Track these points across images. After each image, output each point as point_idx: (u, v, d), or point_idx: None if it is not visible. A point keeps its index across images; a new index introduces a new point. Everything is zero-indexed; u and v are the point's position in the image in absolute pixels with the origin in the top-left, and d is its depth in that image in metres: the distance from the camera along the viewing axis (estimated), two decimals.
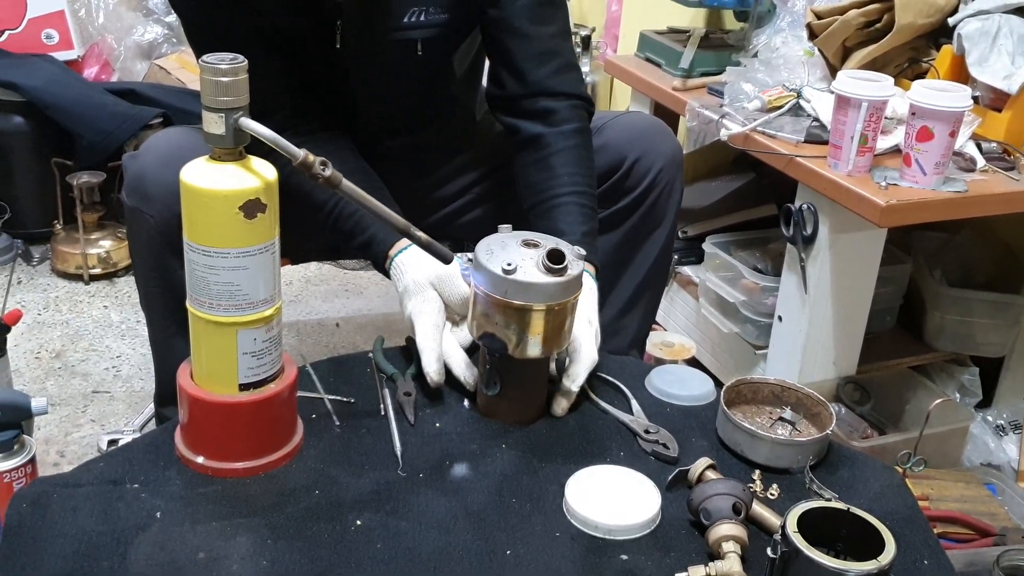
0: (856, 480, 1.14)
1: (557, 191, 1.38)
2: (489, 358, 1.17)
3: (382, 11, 1.38)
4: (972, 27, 1.67)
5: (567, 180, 1.38)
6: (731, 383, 1.22)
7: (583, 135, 1.43)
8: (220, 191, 0.97)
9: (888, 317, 1.94)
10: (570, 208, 1.36)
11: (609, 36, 3.02)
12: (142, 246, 1.41)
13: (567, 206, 1.36)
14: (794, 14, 2.00)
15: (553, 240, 1.17)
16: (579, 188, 1.38)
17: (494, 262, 1.12)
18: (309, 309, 2.51)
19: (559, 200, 1.37)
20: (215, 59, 0.97)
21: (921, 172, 1.55)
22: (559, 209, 1.36)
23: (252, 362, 1.05)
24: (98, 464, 1.08)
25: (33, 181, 2.65)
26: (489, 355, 1.17)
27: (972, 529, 1.52)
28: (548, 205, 1.38)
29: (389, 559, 0.97)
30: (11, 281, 2.54)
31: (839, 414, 1.76)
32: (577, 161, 1.40)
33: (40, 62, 2.72)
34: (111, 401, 2.06)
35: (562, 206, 1.37)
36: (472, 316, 1.17)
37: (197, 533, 0.98)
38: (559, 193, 1.38)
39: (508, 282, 1.10)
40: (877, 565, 0.88)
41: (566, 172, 1.39)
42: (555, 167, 1.40)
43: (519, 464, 1.13)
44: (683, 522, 1.04)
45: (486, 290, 1.13)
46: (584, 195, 1.38)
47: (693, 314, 2.15)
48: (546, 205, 1.38)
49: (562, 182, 1.38)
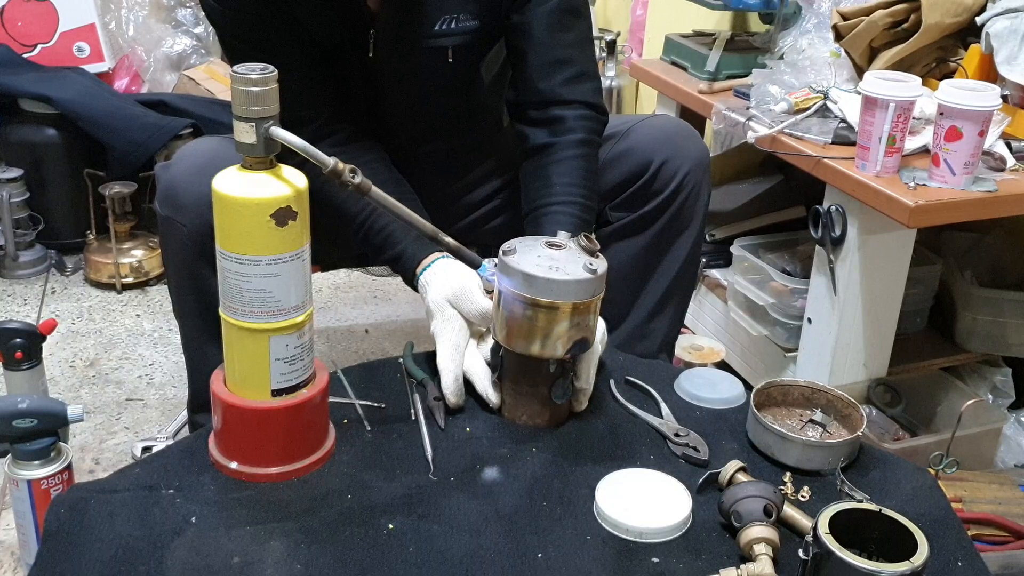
0: (888, 482, 1.13)
1: (549, 200, 1.38)
2: (560, 366, 1.17)
3: (414, 19, 1.39)
4: (1000, 25, 1.66)
5: (560, 190, 1.38)
6: (761, 385, 1.22)
7: (587, 146, 1.43)
8: (252, 199, 0.98)
9: (919, 318, 1.93)
10: (558, 217, 1.36)
11: (634, 40, 3.02)
12: (175, 255, 1.43)
13: (555, 214, 1.36)
14: (820, 15, 1.99)
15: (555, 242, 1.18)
16: (571, 198, 1.38)
17: (558, 271, 1.12)
18: (339, 316, 2.53)
19: (549, 209, 1.37)
20: (246, 69, 0.98)
21: (950, 172, 1.54)
22: (547, 218, 1.36)
23: (284, 368, 1.06)
24: (134, 470, 1.10)
25: (66, 192, 2.69)
26: (564, 363, 1.17)
27: (1007, 531, 1.50)
28: (538, 214, 1.38)
29: (421, 562, 0.97)
30: (45, 291, 2.58)
31: (870, 416, 1.75)
32: (574, 171, 1.40)
33: (72, 75, 2.76)
34: (144, 408, 2.08)
35: (551, 214, 1.37)
36: (546, 332, 1.14)
37: (232, 538, 0.99)
38: (551, 202, 1.38)
39: (576, 283, 1.11)
40: (910, 566, 0.88)
41: (560, 182, 1.39)
42: (551, 176, 1.40)
43: (550, 467, 1.13)
44: (714, 525, 1.04)
45: (561, 299, 1.12)
46: (576, 205, 1.38)
47: (722, 317, 2.14)
48: (536, 214, 1.39)
49: (555, 191, 1.38)
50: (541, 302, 1.11)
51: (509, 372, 1.20)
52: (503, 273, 1.14)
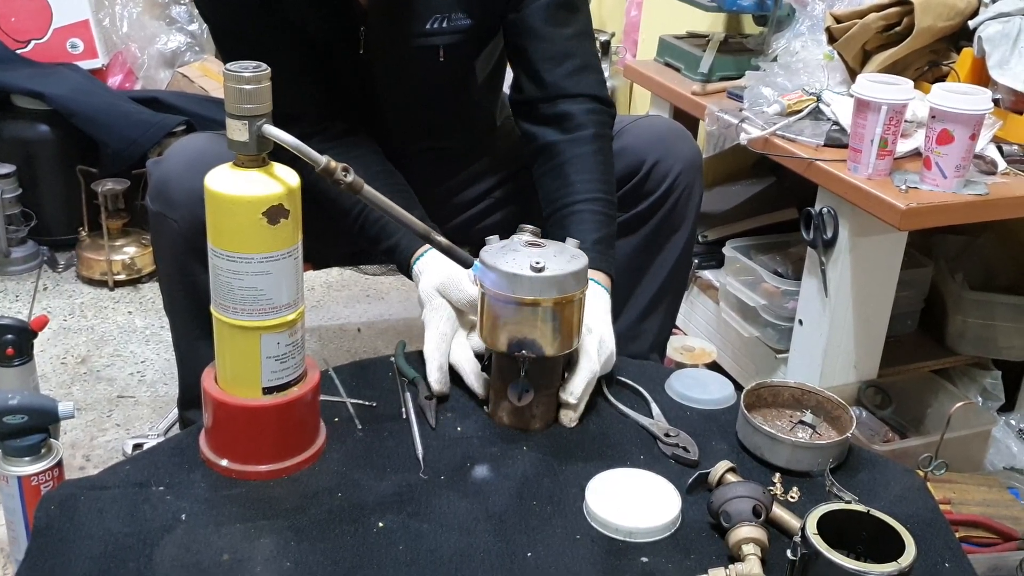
0: (877, 483, 1.14)
1: (570, 199, 1.37)
2: (522, 366, 1.15)
3: (405, 17, 1.39)
4: (993, 30, 1.67)
5: (580, 187, 1.37)
6: (751, 386, 1.23)
7: (600, 140, 1.42)
8: (243, 197, 0.99)
9: (909, 321, 1.93)
10: (583, 216, 1.35)
11: (628, 41, 3.02)
12: (166, 251, 1.43)
13: (580, 214, 1.36)
14: (813, 18, 2.00)
15: (556, 243, 1.18)
16: (593, 195, 1.37)
17: (507, 264, 1.12)
18: (331, 314, 2.53)
19: (572, 208, 1.37)
20: (238, 67, 0.98)
21: (941, 175, 1.54)
22: (571, 218, 1.36)
23: (275, 366, 1.06)
24: (124, 467, 1.10)
25: (58, 189, 2.68)
26: (522, 362, 1.15)
27: (995, 533, 1.51)
28: (561, 214, 1.37)
29: (411, 561, 0.98)
30: (37, 287, 2.57)
31: (860, 418, 1.76)
32: (592, 167, 1.39)
33: (65, 71, 2.75)
34: (136, 406, 2.08)
35: (575, 214, 1.36)
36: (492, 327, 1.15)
37: (222, 535, 0.99)
38: (573, 201, 1.37)
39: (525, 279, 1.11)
40: (897, 567, 0.88)
41: (579, 179, 1.38)
42: (569, 175, 1.39)
43: (540, 467, 1.13)
44: (703, 525, 1.05)
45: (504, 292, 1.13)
46: (598, 201, 1.37)
47: (713, 318, 2.15)
48: (560, 214, 1.38)
49: (575, 190, 1.37)
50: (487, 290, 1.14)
51: (489, 368, 1.21)
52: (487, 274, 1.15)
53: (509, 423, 1.20)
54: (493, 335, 1.15)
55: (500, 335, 1.14)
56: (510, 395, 1.17)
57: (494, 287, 1.13)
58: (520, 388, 1.16)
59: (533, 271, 1.11)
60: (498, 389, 1.19)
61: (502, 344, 1.14)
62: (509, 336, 1.14)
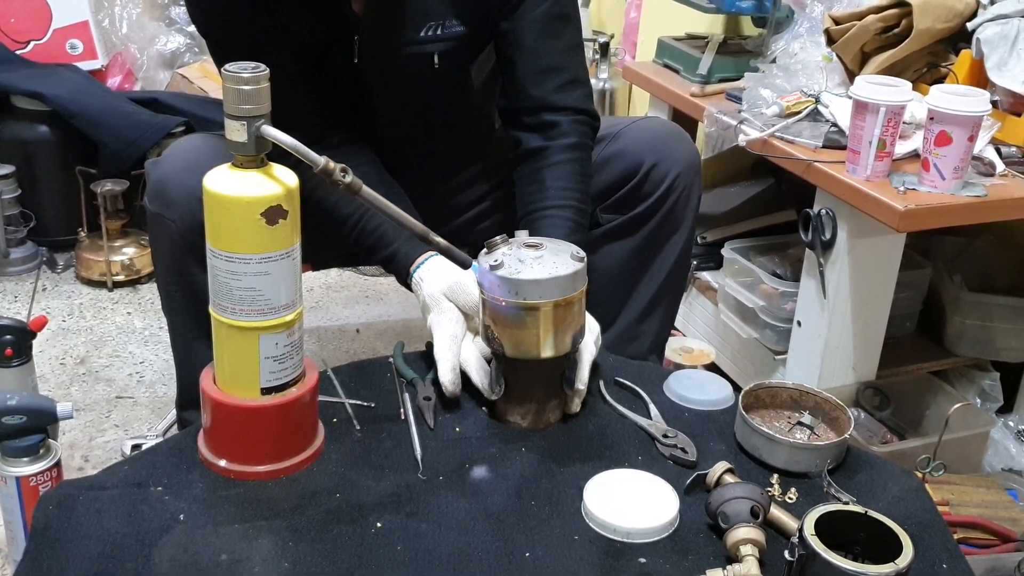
0: (875, 484, 1.14)
1: (543, 204, 1.39)
2: (493, 360, 1.19)
3: (398, 25, 1.39)
4: (991, 31, 1.67)
5: (554, 193, 1.39)
6: (749, 387, 1.23)
7: (580, 150, 1.44)
8: (242, 198, 0.99)
9: (908, 322, 1.94)
10: (553, 220, 1.37)
11: (627, 43, 3.02)
12: (164, 251, 1.43)
13: (551, 218, 1.37)
14: (812, 20, 2.00)
15: (554, 242, 1.18)
16: (565, 202, 1.39)
17: (505, 267, 1.13)
18: (330, 315, 2.53)
19: (544, 212, 1.38)
20: (237, 68, 0.98)
21: (940, 177, 1.54)
22: (542, 221, 1.37)
23: (274, 366, 1.06)
24: (123, 468, 1.10)
25: (58, 189, 2.68)
26: (493, 357, 1.19)
27: (993, 534, 1.51)
28: (533, 217, 1.39)
29: (409, 561, 0.98)
30: (36, 288, 2.57)
31: (858, 419, 1.76)
32: (569, 175, 1.41)
33: (65, 72, 2.75)
34: (134, 406, 2.07)
35: (546, 218, 1.37)
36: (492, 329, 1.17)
37: (220, 535, 0.99)
38: (545, 206, 1.39)
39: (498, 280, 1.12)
40: (895, 568, 0.88)
41: (555, 186, 1.40)
42: (545, 180, 1.41)
43: (538, 468, 1.13)
44: (701, 526, 1.05)
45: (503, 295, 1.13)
46: (570, 208, 1.39)
47: (712, 319, 2.15)
48: (531, 217, 1.39)
49: (549, 195, 1.39)
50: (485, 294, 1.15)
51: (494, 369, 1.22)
52: None
53: (524, 425, 1.20)
54: (495, 337, 1.15)
55: (501, 337, 1.15)
56: (493, 388, 1.19)
57: (492, 291, 1.13)
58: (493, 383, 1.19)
59: (531, 274, 1.11)
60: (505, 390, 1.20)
61: (505, 347, 1.15)
62: (510, 338, 1.14)
